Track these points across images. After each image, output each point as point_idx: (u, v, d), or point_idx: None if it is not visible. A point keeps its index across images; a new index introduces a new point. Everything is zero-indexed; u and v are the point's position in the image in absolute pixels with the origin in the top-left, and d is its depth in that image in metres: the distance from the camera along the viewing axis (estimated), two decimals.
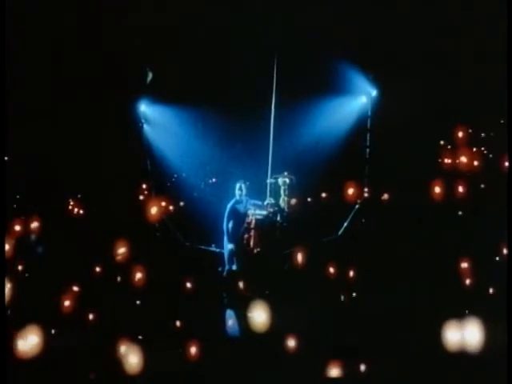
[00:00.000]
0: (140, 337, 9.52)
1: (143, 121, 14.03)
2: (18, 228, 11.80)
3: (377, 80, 14.02)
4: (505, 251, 11.40)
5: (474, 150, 14.12)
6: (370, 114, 14.20)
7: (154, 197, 13.94)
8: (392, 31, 13.72)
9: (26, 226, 11.93)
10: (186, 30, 13.57)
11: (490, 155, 14.27)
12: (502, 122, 13.36)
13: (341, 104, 14.14)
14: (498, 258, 11.50)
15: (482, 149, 14.24)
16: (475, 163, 13.78)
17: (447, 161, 14.01)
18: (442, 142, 14.15)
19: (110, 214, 13.11)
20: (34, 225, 11.98)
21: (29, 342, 8.61)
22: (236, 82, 13.67)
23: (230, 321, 10.56)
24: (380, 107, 14.06)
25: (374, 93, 14.11)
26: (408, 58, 13.80)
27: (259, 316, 9.88)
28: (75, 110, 13.60)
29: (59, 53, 13.53)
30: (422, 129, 13.82)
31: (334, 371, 8.77)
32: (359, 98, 14.29)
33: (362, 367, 8.79)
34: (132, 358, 8.76)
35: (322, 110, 14.02)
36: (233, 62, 13.65)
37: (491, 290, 10.44)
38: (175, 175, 14.46)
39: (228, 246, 12.44)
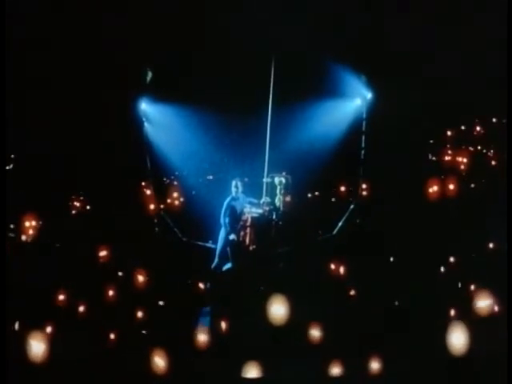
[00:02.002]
0: (144, 332, 9.82)
1: (144, 119, 14.23)
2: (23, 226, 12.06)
3: (371, 82, 14.23)
4: (491, 245, 11.77)
5: (471, 149, 14.38)
6: (364, 115, 14.42)
7: (153, 193, 14.19)
8: (387, 35, 14.00)
9: (29, 224, 12.15)
10: (186, 31, 13.80)
11: (489, 153, 14.53)
12: (494, 120, 13.62)
13: (336, 106, 14.36)
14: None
15: (479, 147, 14.49)
16: (469, 162, 14.01)
17: (441, 160, 14.26)
18: (431, 141, 14.35)
19: (110, 210, 13.32)
20: (35, 223, 12.19)
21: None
22: (234, 83, 13.89)
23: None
24: (374, 109, 14.28)
25: (368, 95, 14.33)
26: (402, 60, 14.08)
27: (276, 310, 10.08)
28: (77, 109, 13.84)
29: (60, 52, 13.73)
30: (415, 130, 14.10)
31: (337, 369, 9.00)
32: (354, 101, 14.52)
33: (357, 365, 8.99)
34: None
35: (318, 112, 14.26)
36: (232, 64, 13.87)
37: (472, 287, 10.68)
38: (174, 172, 14.67)
39: (230, 237, 12.61)
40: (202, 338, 9.58)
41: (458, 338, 9.01)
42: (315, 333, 9.77)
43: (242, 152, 13.92)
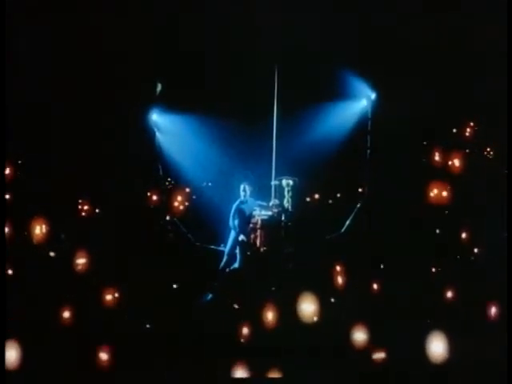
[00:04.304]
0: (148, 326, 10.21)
1: (155, 129, 14.68)
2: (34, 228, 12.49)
3: (376, 83, 14.47)
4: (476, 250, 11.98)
5: (467, 151, 14.54)
6: (370, 116, 14.66)
7: (166, 199, 14.64)
8: (389, 36, 14.21)
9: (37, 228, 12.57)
10: (193, 41, 14.17)
11: (490, 156, 14.66)
12: (490, 122, 13.76)
13: (342, 108, 14.60)
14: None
15: (476, 150, 14.63)
16: (466, 164, 14.17)
17: (443, 162, 14.40)
18: (424, 143, 14.53)
19: (124, 216, 13.75)
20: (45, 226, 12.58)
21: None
22: (241, 89, 14.21)
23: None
24: (380, 109, 14.51)
25: (373, 96, 14.56)
26: (405, 61, 14.27)
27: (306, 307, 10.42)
28: (90, 119, 14.28)
29: (74, 64, 14.18)
30: (418, 130, 14.30)
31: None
32: (360, 102, 14.74)
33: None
34: None
35: (324, 114, 14.50)
36: (237, 71, 14.20)
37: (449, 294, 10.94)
38: (185, 178, 15.04)
39: (240, 238, 13.01)
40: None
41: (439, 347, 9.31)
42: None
43: (250, 156, 14.23)
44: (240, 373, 9.17)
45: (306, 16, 13.93)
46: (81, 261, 11.82)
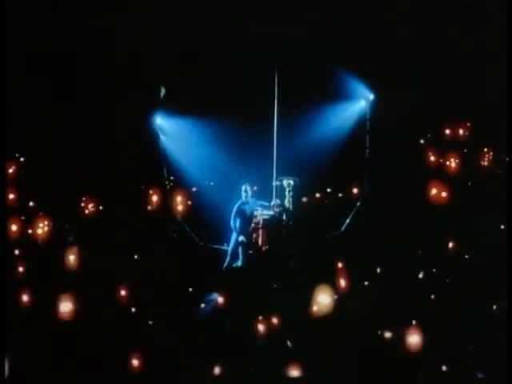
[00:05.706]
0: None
1: (159, 132, 14.97)
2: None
3: (374, 85, 14.66)
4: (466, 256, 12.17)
5: (465, 151, 14.72)
6: (368, 116, 14.90)
7: (170, 200, 14.93)
8: (388, 37, 14.38)
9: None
10: (194, 43, 14.38)
11: (488, 155, 14.83)
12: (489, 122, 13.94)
13: (341, 108, 14.85)
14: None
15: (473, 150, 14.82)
16: (463, 164, 14.37)
17: (441, 162, 14.60)
18: (422, 141, 14.70)
19: (128, 215, 14.05)
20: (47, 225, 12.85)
21: None
22: (241, 92, 14.45)
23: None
24: (378, 110, 14.72)
25: (371, 97, 14.79)
26: (404, 62, 14.45)
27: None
28: (97, 121, 14.55)
29: (80, 66, 14.43)
30: (416, 130, 14.49)
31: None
32: (358, 103, 14.98)
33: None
34: None
35: (324, 115, 14.74)
36: (237, 72, 14.41)
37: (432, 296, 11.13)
38: (188, 180, 15.31)
39: (239, 238, 13.37)
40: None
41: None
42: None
43: (252, 156, 14.49)
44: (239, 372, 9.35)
45: (306, 16, 14.12)
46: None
